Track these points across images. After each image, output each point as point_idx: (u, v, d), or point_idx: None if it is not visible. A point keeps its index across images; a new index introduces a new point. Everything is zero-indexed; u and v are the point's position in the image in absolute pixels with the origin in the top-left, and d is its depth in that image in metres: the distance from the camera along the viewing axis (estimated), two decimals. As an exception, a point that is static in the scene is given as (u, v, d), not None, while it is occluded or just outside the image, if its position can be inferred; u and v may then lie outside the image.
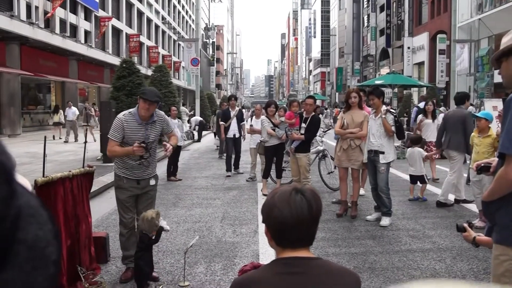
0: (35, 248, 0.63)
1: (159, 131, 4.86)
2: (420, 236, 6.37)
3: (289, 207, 1.69)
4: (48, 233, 0.66)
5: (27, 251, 0.62)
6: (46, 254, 0.64)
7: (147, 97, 4.56)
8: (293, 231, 1.71)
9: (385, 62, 46.80)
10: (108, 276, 4.92)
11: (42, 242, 0.64)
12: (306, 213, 1.69)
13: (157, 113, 4.84)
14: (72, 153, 14.79)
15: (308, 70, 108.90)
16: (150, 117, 4.72)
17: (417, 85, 22.27)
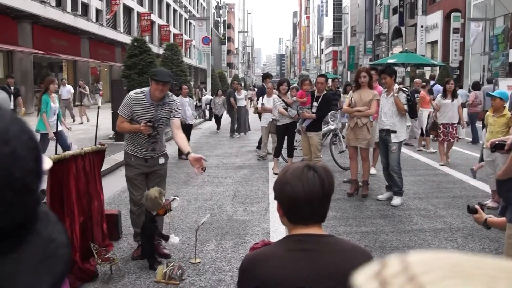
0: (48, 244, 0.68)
1: (168, 114, 4.82)
2: (432, 216, 6.35)
3: (301, 184, 1.68)
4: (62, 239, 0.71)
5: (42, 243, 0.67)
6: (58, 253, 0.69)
7: (159, 78, 4.53)
8: (305, 207, 1.71)
9: (397, 41, 46.19)
10: (120, 252, 4.98)
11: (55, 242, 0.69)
12: (318, 189, 1.69)
13: (170, 98, 4.80)
14: (84, 131, 14.87)
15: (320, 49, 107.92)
16: (162, 99, 4.70)
17: (430, 64, 21.99)
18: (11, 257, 0.62)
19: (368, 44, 55.15)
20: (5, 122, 0.60)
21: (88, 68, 31.32)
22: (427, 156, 10.99)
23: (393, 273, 0.48)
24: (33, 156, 0.62)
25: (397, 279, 0.47)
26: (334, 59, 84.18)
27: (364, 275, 0.50)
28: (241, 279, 1.79)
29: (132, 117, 4.68)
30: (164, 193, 4.56)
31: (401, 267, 0.48)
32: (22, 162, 0.59)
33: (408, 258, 0.50)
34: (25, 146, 0.61)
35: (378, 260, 0.54)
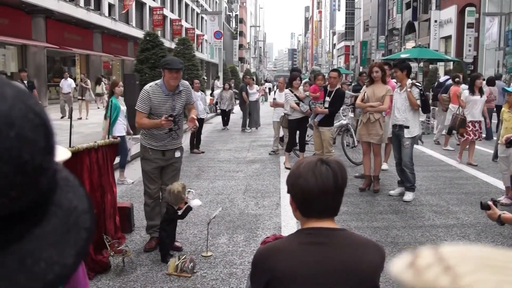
0: (70, 213, 0.66)
1: (185, 102, 4.87)
2: (444, 212, 6.31)
3: (314, 177, 1.68)
4: (83, 204, 0.69)
5: (62, 214, 0.65)
6: (80, 221, 0.67)
7: (173, 66, 4.58)
8: (318, 201, 1.71)
9: (410, 36, 45.80)
10: (133, 245, 5.02)
11: (77, 210, 0.68)
12: (331, 183, 1.69)
13: (182, 83, 4.86)
14: (97, 125, 14.96)
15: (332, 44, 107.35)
16: (177, 87, 4.73)
17: (444, 59, 21.76)
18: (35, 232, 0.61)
19: (381, 39, 54.76)
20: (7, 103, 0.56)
21: (101, 62, 31.47)
22: (440, 152, 10.91)
23: (427, 264, 0.49)
24: (43, 133, 0.59)
25: (432, 269, 0.48)
26: (346, 54, 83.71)
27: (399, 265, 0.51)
28: (254, 272, 1.80)
29: (151, 111, 4.71)
30: (186, 187, 4.61)
31: (435, 258, 0.49)
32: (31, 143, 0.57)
33: (441, 250, 0.51)
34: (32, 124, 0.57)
35: (410, 251, 0.54)
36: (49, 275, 0.61)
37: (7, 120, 0.55)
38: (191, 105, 5.03)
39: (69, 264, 0.64)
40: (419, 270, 0.49)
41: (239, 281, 4.20)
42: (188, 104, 4.98)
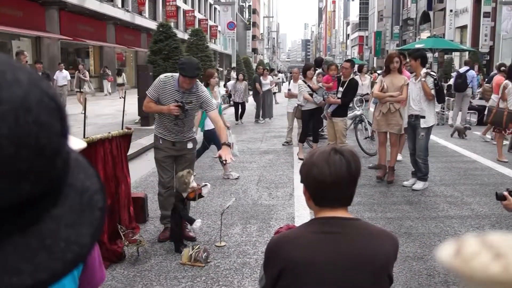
0: (83, 194, 0.67)
1: (197, 102, 4.81)
2: (458, 203, 6.27)
3: (328, 166, 1.68)
4: (95, 184, 0.70)
5: (76, 195, 0.67)
6: (93, 201, 0.68)
7: (187, 74, 4.51)
8: (332, 190, 1.71)
9: (425, 26, 45.28)
10: (147, 235, 5.06)
11: (89, 190, 0.69)
12: (345, 172, 1.69)
13: (199, 88, 4.79)
14: (111, 116, 15.07)
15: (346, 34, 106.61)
16: (189, 88, 4.72)
17: (459, 49, 21.52)
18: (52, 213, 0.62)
19: (395, 29, 54.22)
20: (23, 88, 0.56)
21: (114, 53, 31.60)
22: (455, 143, 10.82)
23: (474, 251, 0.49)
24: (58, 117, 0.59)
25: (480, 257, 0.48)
26: (360, 45, 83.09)
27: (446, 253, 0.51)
28: (267, 261, 1.80)
29: (159, 100, 4.73)
30: (191, 172, 4.62)
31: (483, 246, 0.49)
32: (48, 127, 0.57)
33: (489, 238, 0.51)
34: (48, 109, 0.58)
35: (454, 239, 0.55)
36: (68, 254, 0.62)
37: (24, 106, 0.55)
38: (210, 112, 4.78)
39: (86, 244, 0.65)
40: (466, 257, 0.49)
41: (253, 270, 4.22)
42: (207, 111, 4.83)
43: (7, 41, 20.73)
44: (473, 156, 9.34)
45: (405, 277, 4.09)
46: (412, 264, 4.36)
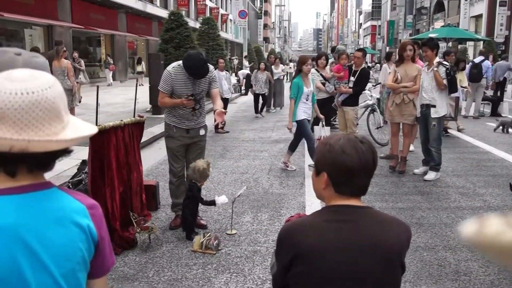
0: None
1: (207, 85, 4.84)
2: (470, 194, 6.23)
3: (357, 154, 1.68)
4: None
5: None
6: None
7: (191, 71, 4.55)
8: (359, 178, 1.71)
9: (439, 15, 44.76)
10: (158, 222, 5.10)
11: None
12: (371, 160, 1.69)
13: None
14: (122, 104, 15.14)
15: (358, 24, 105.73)
16: None
17: (474, 39, 21.23)
18: None
19: (409, 18, 53.67)
20: None
21: (126, 42, 31.62)
22: (468, 134, 10.73)
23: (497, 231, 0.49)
24: None
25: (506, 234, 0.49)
26: (373, 34, 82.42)
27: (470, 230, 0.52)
28: (279, 248, 1.80)
29: (172, 92, 4.73)
30: (210, 164, 4.66)
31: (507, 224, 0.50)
32: None
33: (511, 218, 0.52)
34: None
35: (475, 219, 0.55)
36: None
37: None
38: (214, 89, 4.85)
39: None
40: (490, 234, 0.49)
41: (263, 258, 4.24)
42: (210, 88, 4.86)
43: (19, 29, 20.81)
44: (486, 147, 9.26)
45: (416, 267, 4.08)
46: (423, 254, 4.35)
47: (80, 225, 1.20)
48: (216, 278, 3.88)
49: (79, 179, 5.17)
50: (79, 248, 1.20)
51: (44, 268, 1.13)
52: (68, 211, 1.19)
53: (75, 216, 1.20)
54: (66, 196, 1.22)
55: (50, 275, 1.14)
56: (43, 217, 1.15)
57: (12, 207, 1.12)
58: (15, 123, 1.07)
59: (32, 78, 1.11)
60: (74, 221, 1.19)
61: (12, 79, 1.08)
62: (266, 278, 3.88)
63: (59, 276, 1.16)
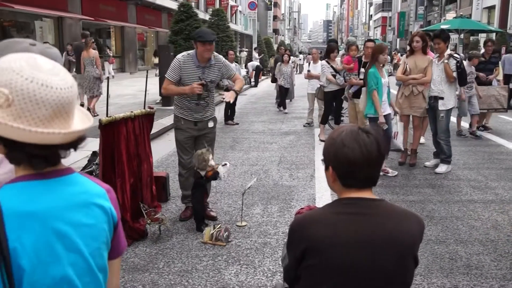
0: None
1: (218, 75, 4.83)
2: (482, 187, 6.18)
3: (359, 146, 1.66)
4: None
5: None
6: None
7: (205, 39, 4.53)
8: (362, 170, 1.68)
9: (451, 6, 44.30)
10: (168, 214, 5.11)
11: None
12: (375, 151, 1.66)
13: (216, 57, 4.79)
14: (132, 96, 15.16)
15: (369, 15, 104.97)
16: (209, 60, 4.70)
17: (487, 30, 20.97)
18: None
19: (420, 10, 53.19)
20: None
21: (135, 34, 31.65)
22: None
23: None
24: None
25: None
26: (383, 26, 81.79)
27: None
28: (290, 240, 1.79)
29: (180, 81, 4.71)
30: (210, 150, 4.63)
31: None
32: None
33: None
34: None
35: None
36: None
37: None
38: (233, 77, 4.94)
39: None
40: None
41: (273, 250, 4.24)
42: (228, 77, 4.94)
43: (30, 21, 20.90)
44: (498, 140, 9.18)
45: (427, 261, 4.06)
46: (434, 248, 4.32)
47: (102, 207, 1.29)
48: (226, 269, 3.89)
49: (89, 170, 5.19)
50: (103, 228, 1.29)
51: (76, 248, 1.21)
52: (91, 194, 1.28)
53: (98, 199, 1.29)
54: (87, 180, 1.31)
55: (81, 254, 1.23)
56: (70, 200, 1.23)
57: (41, 192, 1.19)
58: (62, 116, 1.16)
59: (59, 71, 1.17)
60: (97, 203, 1.28)
61: (41, 70, 1.13)
62: (276, 270, 3.88)
63: (88, 255, 1.24)
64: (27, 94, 1.09)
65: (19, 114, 1.10)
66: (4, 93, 1.08)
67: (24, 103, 1.09)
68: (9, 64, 1.12)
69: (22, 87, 1.09)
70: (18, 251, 1.11)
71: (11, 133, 1.09)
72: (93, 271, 1.26)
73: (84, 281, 1.24)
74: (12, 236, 1.11)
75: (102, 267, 1.30)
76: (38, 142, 1.12)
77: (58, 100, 1.13)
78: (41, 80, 1.11)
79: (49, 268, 1.16)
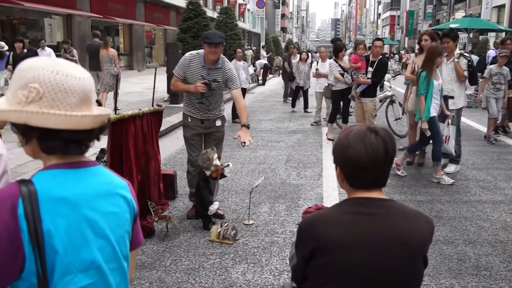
0: None
1: (223, 79, 4.79)
2: (491, 188, 6.13)
3: (364, 147, 1.64)
4: None
5: None
6: None
7: (211, 40, 4.51)
8: (368, 172, 1.67)
9: (460, 5, 43.98)
10: (176, 211, 5.11)
11: None
12: (382, 153, 1.64)
13: (226, 64, 4.76)
14: (140, 94, 15.19)
15: (377, 14, 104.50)
16: (216, 63, 4.68)
17: (497, 29, 20.78)
18: None
19: (429, 9, 52.85)
20: None
21: (143, 31, 31.71)
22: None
23: None
24: None
25: None
26: (392, 24, 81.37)
27: None
28: (299, 240, 1.78)
29: (185, 78, 4.73)
30: (215, 150, 4.63)
31: None
32: None
33: None
34: None
35: None
36: None
37: None
38: (233, 89, 4.76)
39: None
40: None
41: (281, 249, 4.23)
42: (230, 88, 4.78)
43: (39, 19, 20.98)
44: (507, 140, 9.11)
45: (435, 261, 4.04)
46: (442, 248, 4.29)
47: (125, 198, 1.39)
48: (233, 268, 3.88)
49: (97, 167, 5.20)
50: (126, 218, 1.38)
51: (103, 234, 1.29)
52: (115, 185, 1.37)
53: (121, 190, 1.38)
54: (110, 173, 1.41)
55: (108, 241, 1.31)
56: (97, 189, 1.31)
57: (72, 179, 1.27)
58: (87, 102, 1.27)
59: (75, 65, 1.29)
60: (121, 194, 1.37)
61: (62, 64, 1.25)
62: (283, 269, 3.87)
63: (114, 242, 1.32)
64: (55, 85, 1.19)
65: (51, 104, 1.19)
66: (35, 87, 1.18)
67: (54, 93, 1.19)
68: (32, 63, 1.22)
69: (50, 79, 1.19)
70: (52, 233, 1.18)
71: (48, 121, 1.18)
72: (119, 258, 1.34)
73: (111, 267, 1.32)
74: (46, 219, 1.18)
75: (126, 256, 1.38)
76: (72, 127, 1.21)
77: (84, 88, 1.24)
78: (66, 71, 1.22)
79: (80, 251, 1.23)
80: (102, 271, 1.29)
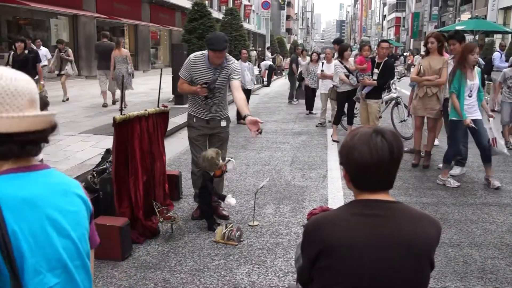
0: None
1: (226, 75, 4.79)
2: (497, 190, 6.10)
3: (369, 149, 1.64)
4: None
5: None
6: None
7: (216, 47, 4.50)
8: (374, 174, 1.67)
9: (466, 7, 43.85)
10: (180, 212, 5.11)
11: None
12: (387, 155, 1.64)
13: (229, 60, 4.77)
14: (145, 94, 15.21)
15: (382, 15, 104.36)
16: (220, 63, 4.69)
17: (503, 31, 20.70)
18: None
19: (434, 10, 52.72)
20: None
21: (149, 32, 31.79)
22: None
23: None
24: None
25: None
26: (397, 26, 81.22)
27: None
28: (305, 241, 1.78)
29: (191, 79, 4.74)
30: (220, 153, 4.62)
31: None
32: None
33: None
34: None
35: None
36: None
37: None
38: (233, 80, 4.68)
39: None
40: None
41: (285, 251, 4.22)
42: (230, 79, 4.71)
43: (45, 19, 21.07)
44: (513, 142, 9.05)
45: (440, 264, 4.02)
46: (448, 251, 4.28)
47: (81, 197, 1.41)
48: (238, 269, 3.88)
49: (103, 168, 5.21)
50: (84, 216, 1.41)
51: (66, 232, 1.31)
52: (70, 186, 1.40)
53: (76, 190, 1.41)
54: (63, 174, 1.43)
55: (71, 239, 1.33)
56: (54, 189, 1.34)
57: (28, 181, 1.28)
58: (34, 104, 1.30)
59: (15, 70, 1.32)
60: (76, 193, 1.40)
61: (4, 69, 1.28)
62: (288, 270, 3.86)
63: (76, 239, 1.34)
64: (2, 89, 1.22)
65: (0, 109, 1.21)
66: None
67: (2, 98, 1.21)
68: None
69: None
70: (17, 234, 1.19)
71: (1, 125, 1.19)
72: (82, 256, 1.37)
73: (75, 264, 1.34)
74: (10, 220, 1.19)
75: (87, 253, 1.41)
76: (26, 128, 1.23)
77: (30, 90, 1.28)
78: (9, 76, 1.25)
79: (46, 250, 1.25)
80: (68, 269, 1.31)
